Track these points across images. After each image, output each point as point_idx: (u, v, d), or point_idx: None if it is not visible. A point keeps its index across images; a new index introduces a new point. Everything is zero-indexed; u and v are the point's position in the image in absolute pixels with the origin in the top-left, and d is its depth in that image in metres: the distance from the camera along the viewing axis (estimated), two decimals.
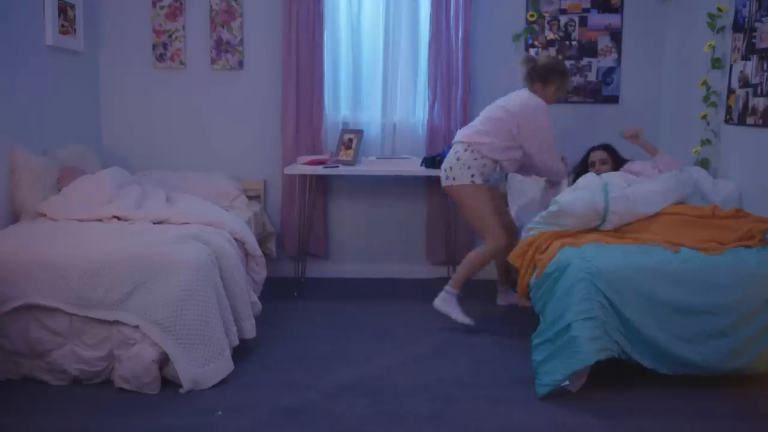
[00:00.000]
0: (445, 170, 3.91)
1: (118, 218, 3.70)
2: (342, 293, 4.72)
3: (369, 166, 4.61)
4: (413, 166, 4.57)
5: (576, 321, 2.97)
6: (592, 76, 4.97)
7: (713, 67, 4.16)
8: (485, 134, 3.83)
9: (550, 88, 3.94)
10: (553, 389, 2.99)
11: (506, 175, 4.74)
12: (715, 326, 3.00)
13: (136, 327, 3.04)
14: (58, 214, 3.64)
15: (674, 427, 2.78)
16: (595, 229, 3.52)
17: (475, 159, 3.83)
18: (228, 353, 3.21)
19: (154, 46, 4.92)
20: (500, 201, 4.43)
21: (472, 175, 3.82)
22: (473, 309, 3.96)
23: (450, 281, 3.96)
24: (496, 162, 3.89)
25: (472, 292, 4.10)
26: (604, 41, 4.95)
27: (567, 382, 2.97)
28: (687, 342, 3.01)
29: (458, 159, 3.84)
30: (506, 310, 4.28)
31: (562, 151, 4.83)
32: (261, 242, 4.58)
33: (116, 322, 3.06)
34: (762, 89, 3.68)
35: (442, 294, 3.93)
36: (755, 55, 3.76)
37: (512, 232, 4.13)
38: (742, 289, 3.03)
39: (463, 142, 3.87)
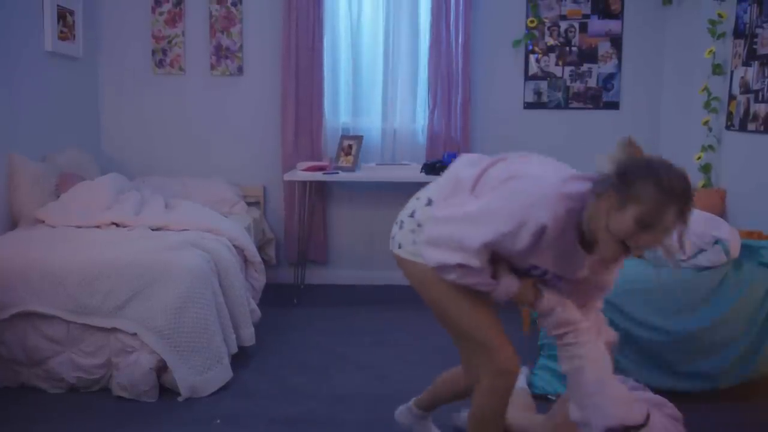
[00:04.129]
0: None
1: (117, 225, 3.69)
2: (341, 300, 4.70)
3: (369, 173, 4.60)
4: (413, 173, 4.56)
5: None
6: (592, 82, 4.96)
7: (714, 72, 4.15)
8: None
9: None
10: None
11: None
12: (722, 336, 2.98)
13: (135, 334, 3.02)
14: (56, 220, 3.63)
15: None
16: None
17: None
18: (227, 360, 3.19)
19: (154, 52, 4.91)
20: None
21: None
22: None
23: None
24: None
25: None
26: (604, 47, 4.94)
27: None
28: (696, 355, 2.98)
29: None
30: (508, 315, 4.19)
31: (560, 158, 4.84)
32: (260, 248, 4.57)
33: (114, 330, 3.04)
34: (763, 95, 3.67)
35: None
36: (756, 61, 3.75)
37: None
38: (740, 299, 3.01)
39: None
